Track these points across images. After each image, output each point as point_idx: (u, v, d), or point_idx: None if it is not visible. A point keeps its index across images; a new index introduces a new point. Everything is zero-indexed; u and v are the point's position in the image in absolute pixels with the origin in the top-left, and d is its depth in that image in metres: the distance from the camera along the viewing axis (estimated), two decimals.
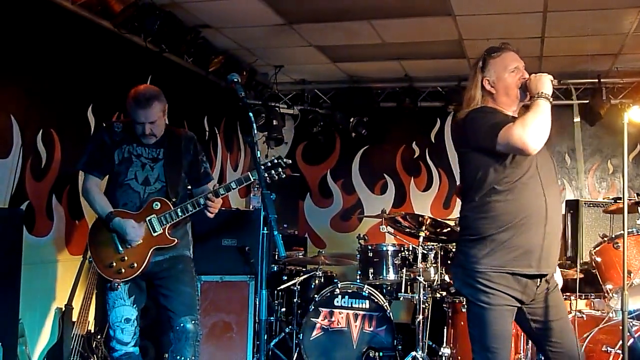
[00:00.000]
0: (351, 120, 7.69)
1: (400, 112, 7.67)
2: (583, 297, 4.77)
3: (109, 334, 3.88)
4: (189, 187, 4.14)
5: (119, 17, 4.76)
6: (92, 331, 4.87)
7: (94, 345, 4.77)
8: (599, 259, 4.43)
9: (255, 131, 3.00)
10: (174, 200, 3.83)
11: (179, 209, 3.81)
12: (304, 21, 5.79)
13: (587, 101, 7.09)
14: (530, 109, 2.96)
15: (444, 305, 5.14)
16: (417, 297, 5.15)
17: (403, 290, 5.36)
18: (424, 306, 5.11)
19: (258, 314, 5.71)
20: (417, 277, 5.13)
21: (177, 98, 5.91)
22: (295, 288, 5.71)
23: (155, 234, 3.81)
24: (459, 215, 3.32)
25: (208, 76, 6.44)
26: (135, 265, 3.78)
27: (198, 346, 3.91)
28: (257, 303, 5.52)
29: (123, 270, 3.77)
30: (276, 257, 5.91)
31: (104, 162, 3.88)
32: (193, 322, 3.85)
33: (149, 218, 3.81)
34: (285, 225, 7.32)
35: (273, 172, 3.79)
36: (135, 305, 3.87)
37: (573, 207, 6.13)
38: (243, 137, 7.88)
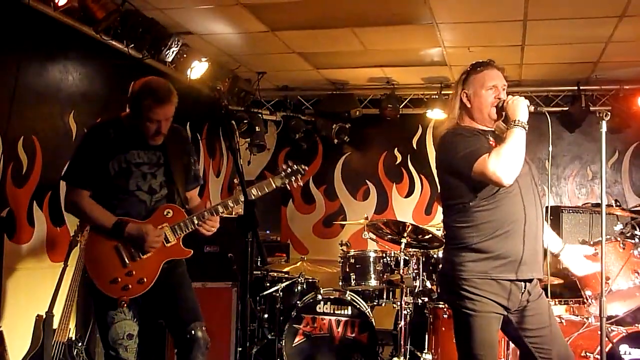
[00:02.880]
0: (333, 126, 7.71)
1: (383, 119, 7.70)
2: (562, 303, 4.81)
3: (109, 355, 3.45)
4: None
5: (101, 23, 4.74)
6: (73, 339, 4.83)
7: (75, 353, 4.73)
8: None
9: (237, 139, 3.00)
10: (187, 207, 3.54)
11: (195, 217, 3.51)
12: (286, 28, 5.81)
13: (567, 108, 7.19)
14: (505, 139, 3.01)
15: (426, 311, 5.17)
16: (398, 303, 5.18)
17: (385, 297, 5.39)
18: (405, 312, 5.14)
19: (241, 321, 5.73)
20: (399, 283, 5.15)
21: None
22: (277, 294, 5.70)
23: (169, 244, 3.47)
24: (441, 224, 3.37)
25: (190, 82, 6.43)
26: (145, 280, 3.40)
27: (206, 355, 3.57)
28: (240, 310, 5.53)
29: (130, 287, 3.37)
30: (258, 264, 5.90)
31: (96, 176, 3.43)
32: (203, 328, 3.53)
33: (160, 227, 3.46)
34: (267, 232, 7.32)
35: (293, 178, 3.73)
36: (136, 319, 3.47)
37: (553, 213, 6.21)
38: (225, 144, 7.87)
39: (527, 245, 3.06)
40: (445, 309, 4.83)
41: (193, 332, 3.47)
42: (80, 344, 4.83)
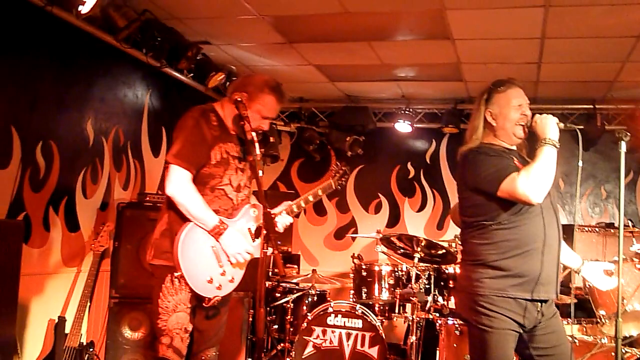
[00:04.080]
0: (347, 139, 7.72)
1: (396, 133, 7.71)
2: (575, 322, 4.78)
3: (159, 342, 3.36)
4: None
5: (122, 31, 4.79)
6: (85, 344, 4.85)
7: (85, 358, 4.75)
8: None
9: (258, 151, 3.01)
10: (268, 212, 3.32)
11: (284, 212, 3.59)
12: (303, 40, 5.84)
13: (582, 127, 7.15)
14: (535, 157, 3.02)
15: (437, 326, 5.15)
16: (409, 317, 5.17)
17: (396, 311, 5.38)
18: (416, 327, 5.12)
19: (255, 332, 5.72)
20: (411, 297, 5.14)
21: (177, 112, 5.94)
22: (288, 305, 5.71)
23: (255, 244, 3.51)
24: (455, 238, 3.37)
25: (207, 92, 6.48)
26: (234, 279, 3.46)
27: None
28: (250, 320, 5.54)
29: (222, 286, 3.40)
30: (270, 274, 5.91)
31: (203, 159, 3.35)
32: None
33: (248, 226, 3.53)
34: (278, 243, 7.31)
35: (343, 180, 3.89)
36: (191, 317, 3.45)
37: (566, 231, 6.17)
38: None
39: (545, 266, 3.06)
40: (457, 326, 4.81)
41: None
42: (91, 349, 4.85)
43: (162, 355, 3.34)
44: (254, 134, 3.10)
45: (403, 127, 7.57)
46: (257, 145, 3.04)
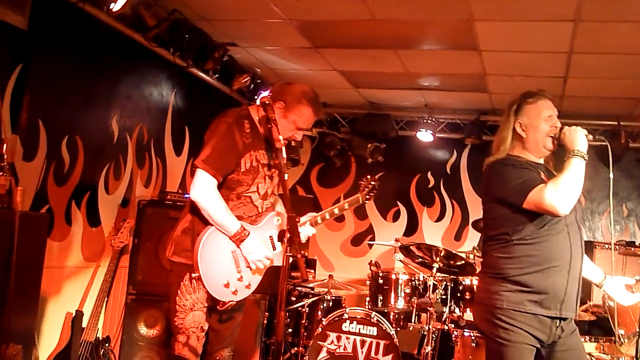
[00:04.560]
0: (368, 146, 7.72)
1: (418, 141, 7.70)
2: (593, 340, 4.75)
3: (176, 339, 3.38)
4: None
5: (151, 30, 4.83)
6: (101, 338, 4.88)
7: (101, 353, 4.78)
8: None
9: (284, 154, 3.01)
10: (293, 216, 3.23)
11: (307, 223, 3.60)
12: (330, 46, 5.85)
13: (606, 143, 7.09)
14: (564, 168, 2.99)
15: (453, 337, 5.13)
16: (425, 327, 5.15)
17: (411, 320, 5.36)
18: (432, 337, 5.11)
19: (268, 334, 5.74)
20: (428, 308, 5.12)
21: (200, 113, 6.00)
22: (303, 309, 5.71)
23: (275, 252, 3.51)
24: (473, 250, 3.34)
25: (232, 93, 6.51)
26: (251, 285, 3.44)
27: None
28: (265, 322, 5.55)
29: (238, 291, 3.39)
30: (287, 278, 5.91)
31: (231, 166, 3.35)
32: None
33: (270, 234, 3.52)
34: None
35: (372, 194, 3.96)
36: (207, 316, 3.46)
37: (586, 248, 6.12)
38: None
39: (570, 284, 3.04)
40: (473, 337, 4.78)
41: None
42: (107, 344, 4.88)
43: (178, 353, 3.35)
44: (281, 137, 3.10)
45: (425, 136, 7.57)
46: (284, 150, 3.03)
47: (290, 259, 2.88)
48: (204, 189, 3.27)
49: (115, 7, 4.42)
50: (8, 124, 3.93)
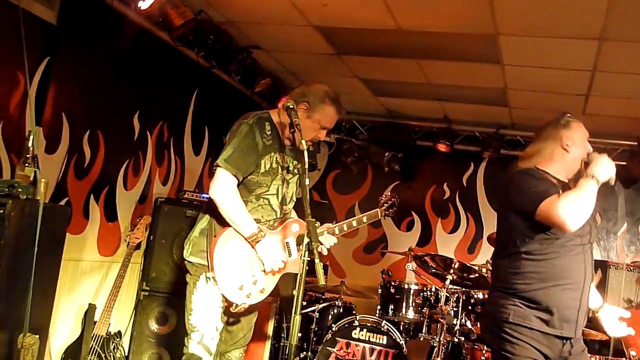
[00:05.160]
0: (386, 154, 7.72)
1: (435, 152, 7.70)
2: None
3: (190, 337, 3.41)
4: None
5: (177, 30, 4.87)
6: (112, 333, 4.91)
7: (112, 347, 4.81)
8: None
9: (306, 159, 3.02)
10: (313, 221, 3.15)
11: (325, 232, 3.58)
12: (353, 53, 5.87)
13: (624, 163, 7.06)
14: (578, 186, 2.99)
15: (463, 351, 5.12)
16: (435, 339, 5.14)
17: (421, 331, 5.35)
18: (441, 349, 5.09)
19: (278, 338, 5.74)
20: (440, 319, 5.11)
21: (221, 114, 6.02)
22: (314, 315, 5.72)
23: (291, 259, 3.50)
24: (487, 263, 3.34)
25: (253, 96, 6.55)
26: (265, 290, 3.43)
27: None
28: (275, 325, 5.56)
29: (252, 294, 3.38)
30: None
31: (251, 167, 3.38)
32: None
33: (287, 240, 3.51)
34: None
35: (391, 210, 3.97)
36: (222, 316, 3.47)
37: (600, 267, 6.10)
38: None
39: (582, 305, 3.04)
40: (484, 352, 4.77)
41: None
42: (118, 339, 4.91)
43: (191, 351, 3.38)
44: (303, 142, 3.12)
45: (442, 147, 7.55)
46: (306, 154, 3.04)
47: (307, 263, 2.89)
48: (223, 188, 3.28)
49: (144, 5, 4.47)
50: (33, 116, 3.96)
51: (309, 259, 2.82)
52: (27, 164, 3.04)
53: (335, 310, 5.88)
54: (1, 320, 2.81)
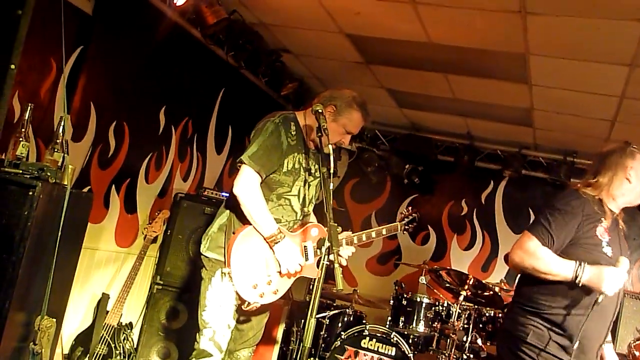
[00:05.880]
0: (406, 166, 7.73)
1: (456, 168, 7.68)
2: None
3: (201, 333, 3.40)
4: None
5: (210, 28, 4.90)
6: (124, 324, 4.94)
7: (122, 338, 4.83)
8: (637, 353, 4.37)
9: (332, 163, 3.03)
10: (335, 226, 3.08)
11: (343, 240, 3.57)
12: (382, 63, 5.89)
13: None
14: (559, 264, 2.96)
15: None
16: (444, 354, 5.12)
17: (431, 345, 5.33)
18: None
19: (287, 341, 5.75)
20: (451, 334, 5.09)
21: (245, 114, 6.05)
22: (324, 321, 5.71)
23: (307, 263, 3.47)
24: (500, 282, 3.30)
25: (278, 99, 6.57)
26: (278, 291, 3.41)
27: None
28: (285, 329, 5.56)
29: (265, 294, 3.36)
30: (310, 287, 5.93)
31: (275, 165, 3.37)
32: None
33: (305, 244, 3.50)
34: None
35: (411, 226, 4.00)
36: (235, 315, 3.45)
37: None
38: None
39: (605, 339, 3.02)
40: None
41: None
42: (129, 330, 4.93)
43: (202, 347, 3.38)
44: (330, 147, 3.12)
45: (463, 163, 7.53)
46: (332, 158, 3.05)
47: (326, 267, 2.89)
48: (247, 184, 3.28)
49: (179, 1, 4.51)
50: (65, 103, 4.01)
51: (328, 263, 2.81)
52: (56, 150, 3.07)
53: (346, 318, 5.87)
54: (21, 302, 2.83)
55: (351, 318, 5.88)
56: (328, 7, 4.79)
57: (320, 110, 3.22)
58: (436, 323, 5.47)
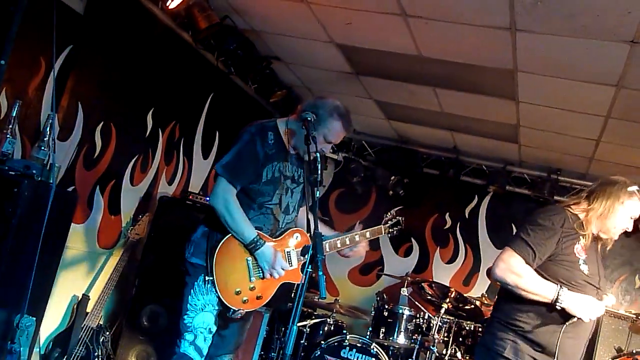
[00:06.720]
0: (392, 178, 7.74)
1: (441, 181, 7.71)
2: None
3: (183, 337, 3.41)
4: None
5: (201, 32, 4.90)
6: (103, 326, 4.90)
7: (101, 340, 4.79)
8: None
9: (320, 170, 3.04)
10: (309, 234, 3.19)
11: (327, 245, 3.58)
12: (371, 74, 5.91)
13: None
14: (539, 285, 3.00)
15: None
16: None
17: (414, 357, 5.33)
18: None
19: (266, 348, 5.73)
20: (431, 347, 5.10)
21: (233, 120, 6.05)
22: (304, 329, 5.70)
23: (290, 269, 3.51)
24: (482, 297, 3.32)
25: (267, 106, 6.58)
26: (262, 297, 3.45)
27: None
28: (266, 336, 5.54)
29: (248, 300, 3.41)
30: (292, 295, 5.92)
31: (250, 175, 3.40)
32: None
33: (287, 250, 3.53)
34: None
35: (395, 229, 3.97)
36: (216, 319, 3.48)
37: None
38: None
39: (583, 355, 3.05)
40: None
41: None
42: (107, 333, 4.90)
43: (183, 351, 3.38)
44: (317, 155, 3.13)
45: (448, 177, 7.56)
46: (319, 166, 3.06)
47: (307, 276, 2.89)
48: (221, 196, 3.33)
49: (172, 4, 4.51)
50: (52, 101, 3.99)
51: (311, 270, 2.81)
52: (42, 148, 3.05)
53: (326, 328, 5.87)
54: (1, 299, 2.81)
55: (332, 327, 5.87)
56: (320, 16, 4.81)
57: (309, 118, 3.23)
58: (416, 335, 5.48)
